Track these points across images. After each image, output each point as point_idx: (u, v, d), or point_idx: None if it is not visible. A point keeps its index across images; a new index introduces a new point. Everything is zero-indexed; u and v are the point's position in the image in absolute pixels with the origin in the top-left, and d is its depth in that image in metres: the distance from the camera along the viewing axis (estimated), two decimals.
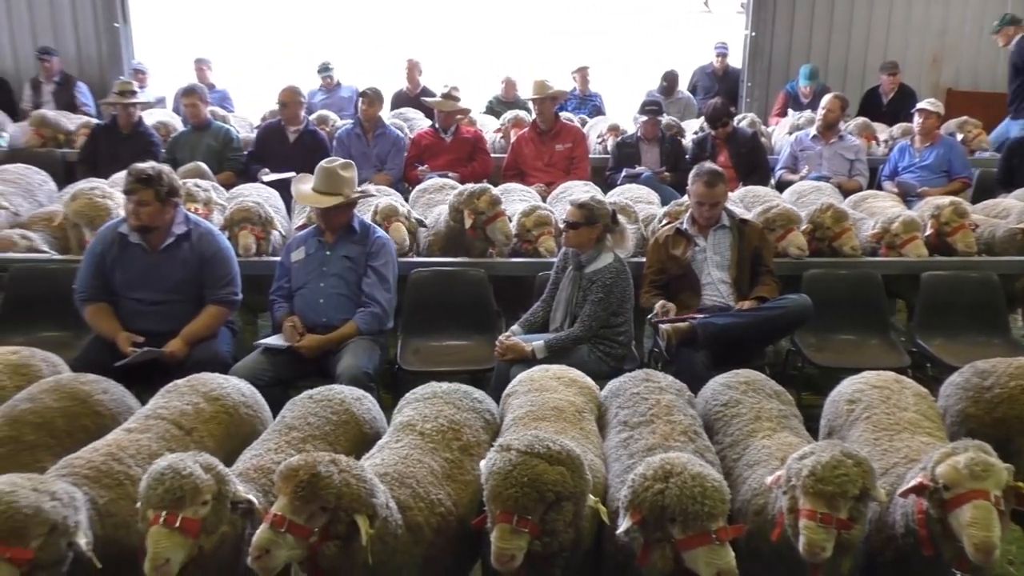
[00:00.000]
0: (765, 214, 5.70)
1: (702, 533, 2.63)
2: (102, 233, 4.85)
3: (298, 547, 2.58)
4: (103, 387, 3.66)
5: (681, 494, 2.65)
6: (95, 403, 3.55)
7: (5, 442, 3.22)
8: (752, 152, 7.98)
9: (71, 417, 3.44)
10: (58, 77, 10.59)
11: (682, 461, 2.78)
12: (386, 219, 5.53)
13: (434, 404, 3.53)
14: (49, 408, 3.41)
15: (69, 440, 3.35)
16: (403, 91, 10.82)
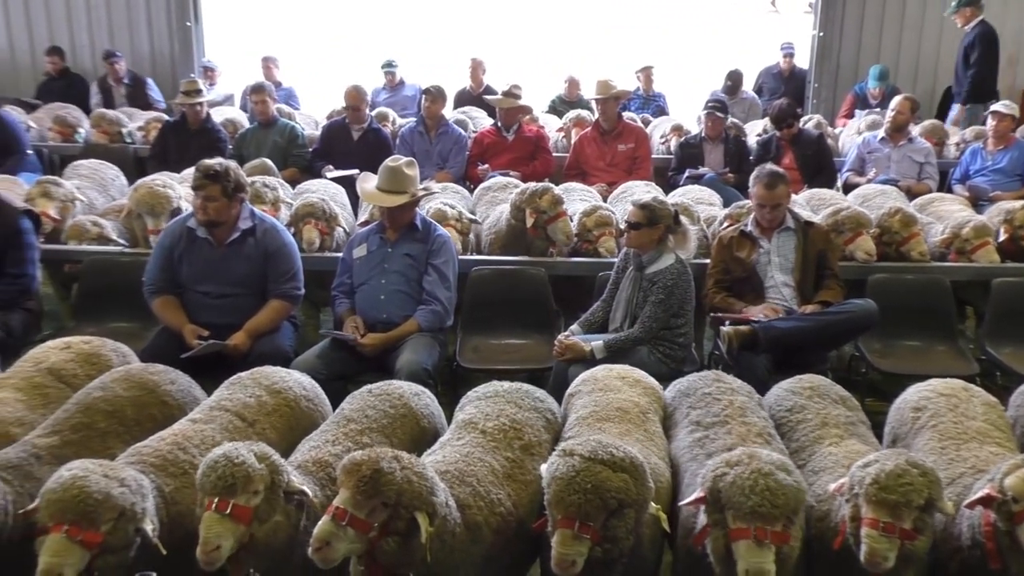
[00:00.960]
0: (834, 216, 5.60)
1: (745, 527, 2.63)
2: (171, 227, 4.96)
3: (358, 541, 2.60)
4: (170, 378, 3.74)
5: (734, 484, 2.67)
6: (162, 393, 3.63)
7: (78, 428, 3.31)
8: (818, 154, 7.85)
9: (140, 406, 3.52)
10: (127, 79, 10.85)
11: (759, 457, 2.76)
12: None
13: (496, 403, 3.53)
14: (119, 397, 3.49)
15: (137, 428, 3.43)
16: (466, 89, 10.86)
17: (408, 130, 8.16)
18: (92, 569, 2.62)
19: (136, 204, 5.73)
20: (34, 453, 3.11)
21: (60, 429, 3.28)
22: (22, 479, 2.99)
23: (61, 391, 3.67)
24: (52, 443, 3.20)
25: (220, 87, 11.18)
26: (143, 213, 5.66)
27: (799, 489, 2.73)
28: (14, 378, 3.72)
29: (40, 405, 3.58)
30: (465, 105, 10.38)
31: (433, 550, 2.68)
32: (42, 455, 3.12)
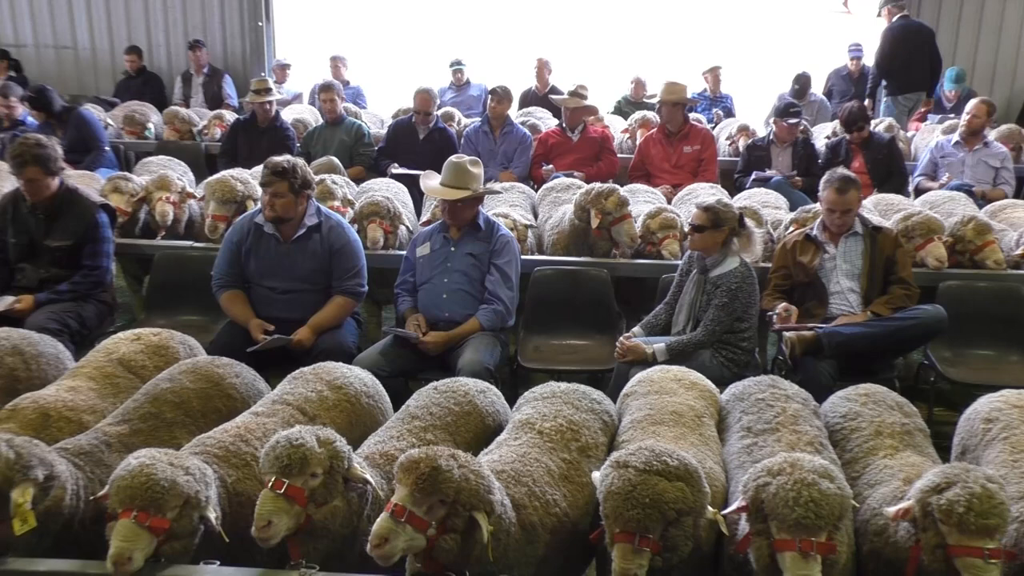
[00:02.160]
0: (905, 222, 5.48)
1: (790, 539, 2.59)
2: (239, 223, 5.06)
3: (416, 538, 2.61)
4: (236, 371, 3.81)
5: (777, 494, 2.63)
6: (227, 386, 3.70)
7: (147, 418, 3.39)
8: (888, 158, 7.67)
9: (205, 399, 3.59)
10: (207, 69, 11.17)
11: (802, 464, 2.71)
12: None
13: (553, 403, 3.53)
14: (186, 389, 3.57)
15: (203, 420, 3.51)
16: (532, 90, 10.88)
17: (473, 130, 8.20)
18: (159, 555, 2.69)
19: (208, 189, 5.96)
20: (105, 441, 3.21)
21: (130, 418, 3.37)
22: (93, 465, 3.08)
23: (130, 381, 3.78)
24: (122, 431, 3.29)
25: (290, 85, 11.38)
26: (210, 198, 5.84)
27: (843, 496, 2.67)
28: (87, 367, 3.83)
29: (110, 394, 3.68)
30: (530, 105, 10.39)
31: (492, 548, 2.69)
32: (112, 443, 3.21)
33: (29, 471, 2.72)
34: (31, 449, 2.79)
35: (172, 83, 11.69)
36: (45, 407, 3.41)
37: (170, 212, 5.86)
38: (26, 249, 5.08)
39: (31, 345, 3.96)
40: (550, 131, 8.22)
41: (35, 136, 5.21)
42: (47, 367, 3.94)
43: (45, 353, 3.99)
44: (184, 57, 11.78)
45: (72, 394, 3.55)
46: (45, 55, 12.17)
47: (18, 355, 3.86)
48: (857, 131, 7.63)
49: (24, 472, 2.72)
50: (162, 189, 5.92)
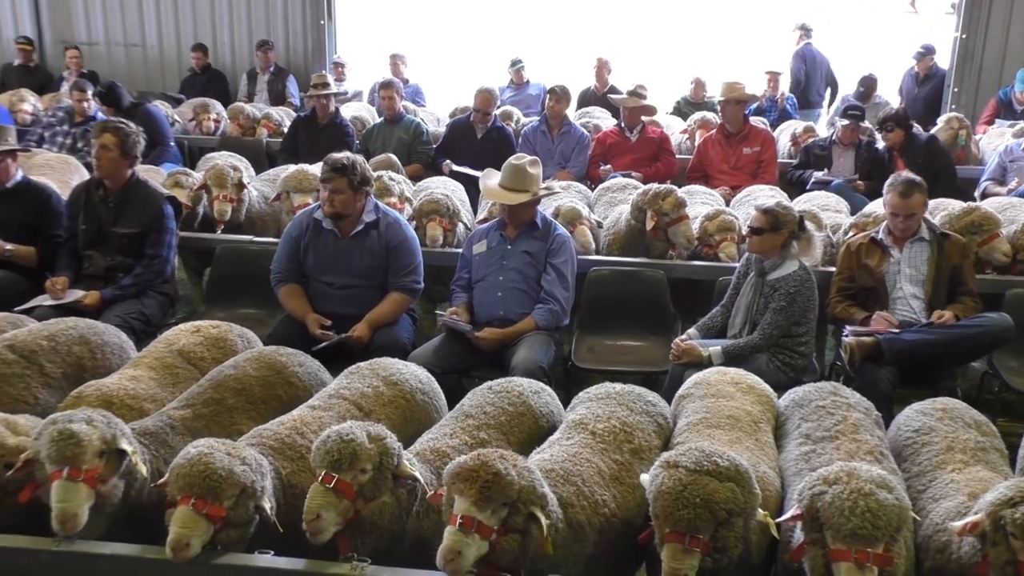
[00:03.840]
0: (968, 216, 5.29)
1: (845, 549, 2.55)
2: (298, 218, 5.13)
3: (482, 545, 2.62)
4: (299, 360, 3.89)
5: (833, 503, 2.59)
6: (290, 374, 3.78)
7: (209, 403, 3.48)
8: (929, 161, 7.41)
9: (267, 386, 3.67)
10: (272, 68, 11.37)
11: (859, 473, 2.67)
12: (570, 223, 5.57)
13: (607, 404, 3.51)
14: (248, 376, 3.66)
15: (264, 406, 3.60)
16: (591, 89, 10.84)
17: (531, 129, 8.21)
18: (215, 542, 2.74)
19: (285, 183, 6.08)
20: (169, 423, 3.31)
21: (193, 403, 3.47)
22: (158, 446, 3.17)
23: (189, 371, 3.87)
24: (185, 415, 3.38)
25: (349, 83, 11.50)
26: (290, 191, 5.94)
27: (901, 507, 2.62)
28: (148, 358, 3.93)
29: (170, 384, 3.77)
30: (589, 105, 10.37)
31: (537, 545, 2.69)
32: (176, 425, 3.31)
33: (120, 427, 2.90)
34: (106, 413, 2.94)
35: (236, 80, 11.91)
36: (108, 394, 3.51)
37: (228, 210, 5.97)
38: (95, 236, 5.21)
39: (97, 335, 4.07)
40: (608, 131, 8.20)
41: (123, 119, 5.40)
42: (111, 356, 4.05)
43: (110, 343, 4.09)
44: (248, 55, 11.99)
45: (133, 383, 3.65)
46: (115, 53, 12.48)
47: (84, 344, 3.97)
48: (887, 132, 7.46)
49: (118, 428, 2.88)
50: (218, 186, 6.01)
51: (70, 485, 2.73)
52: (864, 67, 11.13)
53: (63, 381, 3.78)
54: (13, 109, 9.09)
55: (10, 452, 2.93)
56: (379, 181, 5.99)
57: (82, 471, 2.75)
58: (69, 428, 2.77)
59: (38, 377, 3.71)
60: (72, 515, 2.71)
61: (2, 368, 3.63)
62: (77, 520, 2.72)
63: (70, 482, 2.73)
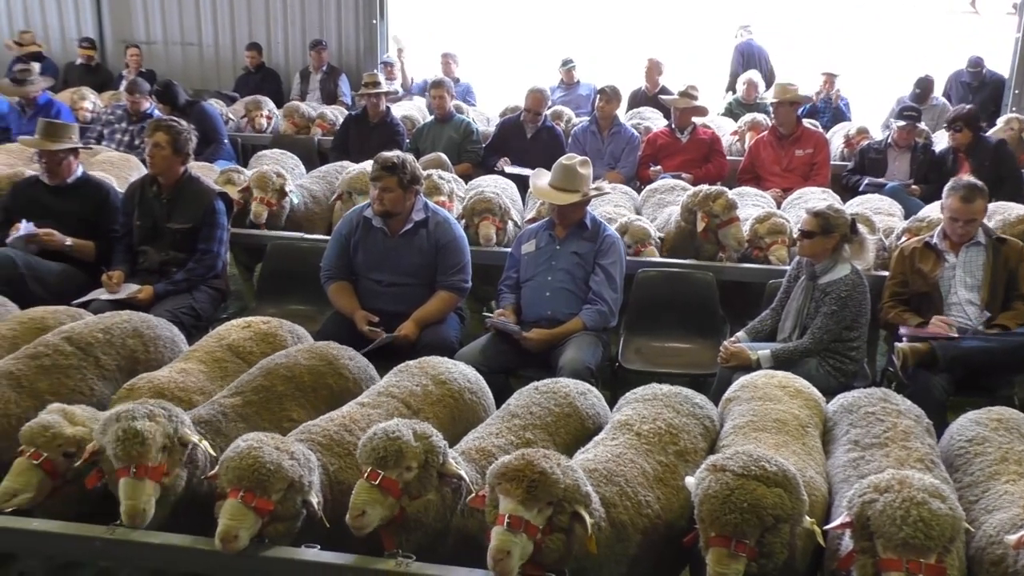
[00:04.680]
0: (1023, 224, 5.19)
1: (896, 559, 2.50)
2: (348, 216, 5.17)
3: (528, 545, 2.62)
4: (350, 355, 3.94)
5: (884, 512, 2.55)
6: (341, 366, 3.83)
7: (259, 391, 3.54)
8: (996, 164, 7.22)
9: (317, 375, 3.72)
10: (325, 67, 11.49)
11: (912, 481, 2.62)
12: (639, 243, 5.55)
13: (653, 406, 3.50)
14: (299, 364, 3.71)
15: (313, 395, 3.65)
16: (641, 90, 10.79)
17: (581, 129, 8.19)
18: (263, 535, 2.78)
19: (348, 185, 6.16)
20: (221, 411, 3.37)
21: (243, 391, 3.53)
22: (213, 434, 3.23)
23: (238, 365, 3.92)
24: (236, 403, 3.45)
25: (400, 82, 11.56)
26: (353, 192, 6.00)
27: (955, 517, 2.56)
28: (199, 351, 4.00)
29: (219, 377, 3.83)
30: (640, 106, 10.32)
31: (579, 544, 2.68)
32: (228, 413, 3.38)
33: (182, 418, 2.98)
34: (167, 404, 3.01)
35: (289, 79, 12.05)
36: (159, 387, 3.58)
37: (264, 213, 6.02)
38: (149, 232, 5.31)
39: (150, 328, 4.14)
40: (659, 131, 8.16)
41: (176, 117, 5.49)
42: (164, 349, 4.12)
43: (162, 336, 4.17)
44: (301, 54, 12.13)
45: (183, 376, 3.72)
46: (172, 51, 12.72)
47: (138, 337, 4.05)
48: (955, 131, 7.30)
49: (180, 420, 2.97)
50: (259, 188, 6.09)
51: (137, 483, 2.80)
52: (921, 68, 10.92)
53: (117, 373, 3.86)
54: (74, 107, 9.30)
55: (68, 441, 3.00)
56: (428, 179, 6.02)
57: (148, 468, 2.82)
58: (134, 427, 2.83)
59: (94, 369, 3.79)
60: (141, 511, 2.79)
61: (60, 360, 3.71)
62: (146, 515, 2.80)
63: (136, 480, 2.81)
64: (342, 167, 7.06)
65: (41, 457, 2.94)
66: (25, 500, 2.91)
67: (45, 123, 5.62)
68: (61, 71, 12.06)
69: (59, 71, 11.99)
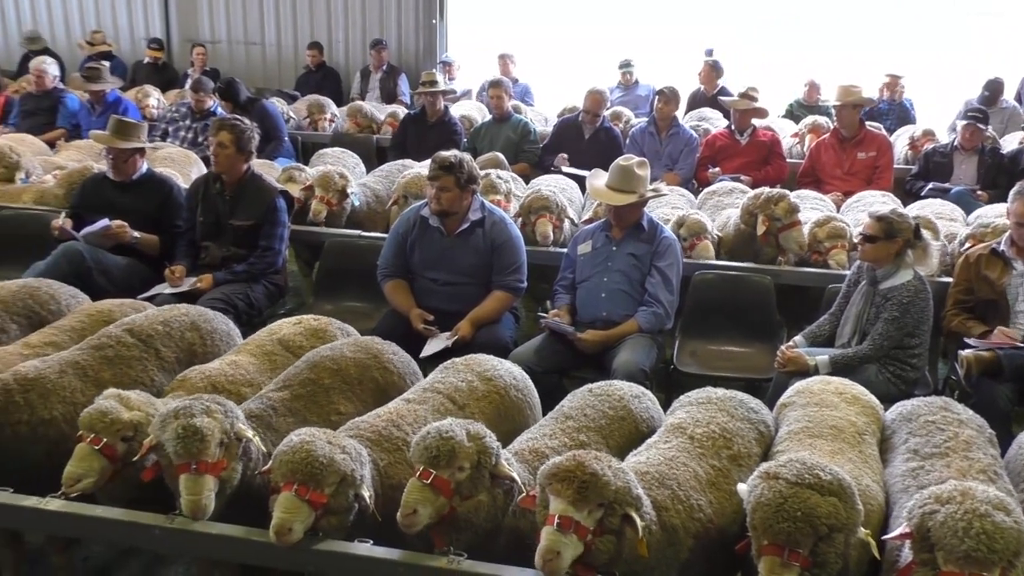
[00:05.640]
0: None
1: (958, 572, 2.44)
2: (405, 215, 5.21)
3: (578, 546, 2.61)
4: (394, 350, 3.98)
5: (945, 523, 2.49)
6: (386, 360, 3.87)
7: (306, 384, 3.58)
8: None
9: (363, 368, 3.76)
10: (385, 67, 11.60)
11: (974, 493, 2.56)
12: (695, 236, 5.53)
13: (708, 409, 3.46)
14: (345, 357, 3.76)
15: (359, 388, 3.70)
16: (700, 91, 10.70)
17: (639, 130, 8.15)
18: (316, 529, 2.81)
19: (404, 188, 6.20)
20: (271, 405, 3.42)
21: (291, 384, 3.58)
22: (264, 428, 3.28)
23: (287, 359, 3.97)
24: (284, 396, 3.50)
25: (459, 82, 11.62)
26: (408, 196, 6.04)
27: (1020, 531, 2.49)
28: (250, 345, 4.07)
29: (268, 370, 3.89)
30: (699, 107, 10.23)
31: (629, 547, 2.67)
32: (277, 407, 3.43)
33: (238, 413, 3.02)
34: (222, 399, 3.07)
35: (349, 78, 12.20)
36: (211, 378, 3.65)
37: (324, 212, 6.09)
38: (212, 228, 5.42)
39: (207, 322, 4.22)
40: (718, 133, 8.08)
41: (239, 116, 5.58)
42: (220, 343, 4.19)
43: (219, 330, 4.24)
44: (361, 54, 12.27)
45: (233, 368, 3.79)
46: (236, 50, 12.96)
47: (195, 331, 4.12)
48: None
49: (236, 415, 3.00)
50: (322, 188, 6.15)
51: (197, 478, 2.85)
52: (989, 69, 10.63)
53: (176, 365, 3.93)
54: (139, 105, 9.51)
55: (126, 426, 3.07)
56: (486, 179, 6.04)
57: (208, 464, 2.87)
58: (193, 424, 2.88)
59: (155, 360, 3.88)
60: (203, 506, 2.84)
61: (122, 351, 3.80)
62: (207, 510, 2.85)
63: (197, 475, 2.86)
64: (404, 166, 7.14)
65: (101, 443, 3.01)
66: (88, 485, 2.99)
67: (116, 121, 5.76)
68: (129, 70, 12.36)
69: (127, 70, 12.29)
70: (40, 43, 12.11)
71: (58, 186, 6.38)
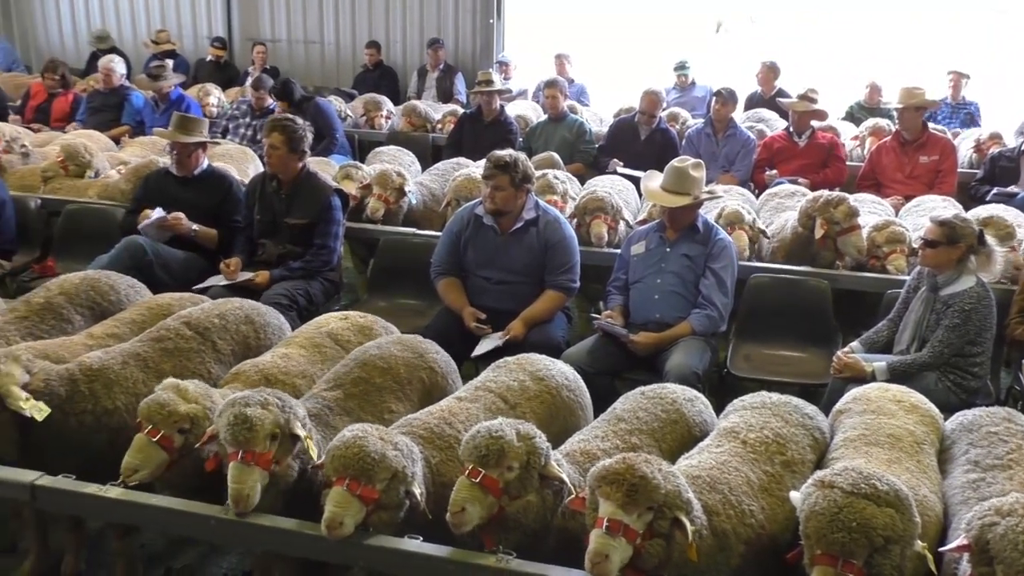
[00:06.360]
0: None
1: None
2: (460, 213, 5.23)
3: (628, 549, 2.60)
4: (436, 349, 4.01)
5: (1005, 536, 2.45)
6: (430, 359, 3.90)
7: (358, 383, 3.61)
8: None
9: (412, 367, 3.79)
10: (442, 66, 11.67)
11: None
12: (730, 224, 5.47)
13: (762, 414, 3.42)
14: (394, 356, 3.78)
15: (408, 387, 3.72)
16: (757, 93, 10.58)
17: (695, 131, 8.10)
18: (367, 524, 2.84)
19: (456, 191, 6.22)
20: (326, 405, 3.46)
21: (342, 383, 3.60)
22: (323, 427, 3.32)
23: (336, 351, 4.03)
24: (337, 396, 3.53)
25: (515, 82, 11.63)
26: (460, 199, 6.07)
27: None
28: (299, 337, 4.13)
29: (318, 361, 3.95)
30: (756, 108, 10.11)
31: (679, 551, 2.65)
32: (332, 407, 3.46)
33: (295, 410, 3.04)
34: (282, 394, 3.09)
35: (406, 77, 12.29)
36: (264, 371, 3.71)
37: (380, 209, 6.13)
38: (268, 226, 5.50)
39: (260, 316, 4.29)
40: (776, 135, 7.99)
41: (292, 115, 5.66)
42: (272, 336, 4.26)
43: (271, 324, 4.31)
44: (418, 53, 12.36)
45: (285, 361, 3.84)
46: (295, 49, 13.14)
47: (250, 324, 4.19)
48: None
49: (292, 411, 3.03)
50: (380, 186, 6.20)
51: (244, 468, 2.89)
52: None
53: (231, 358, 4.00)
54: (200, 103, 9.68)
55: (182, 418, 3.12)
56: (543, 179, 6.04)
57: (255, 454, 2.90)
58: (244, 413, 2.92)
59: (212, 353, 3.95)
60: (245, 496, 2.87)
61: (181, 343, 3.87)
62: (249, 501, 2.88)
63: (244, 465, 2.89)
64: (459, 164, 7.17)
65: (159, 434, 3.07)
66: (144, 475, 3.05)
67: (179, 117, 5.89)
68: (192, 68, 12.58)
69: (190, 68, 12.51)
70: (108, 42, 12.39)
71: (124, 181, 6.54)
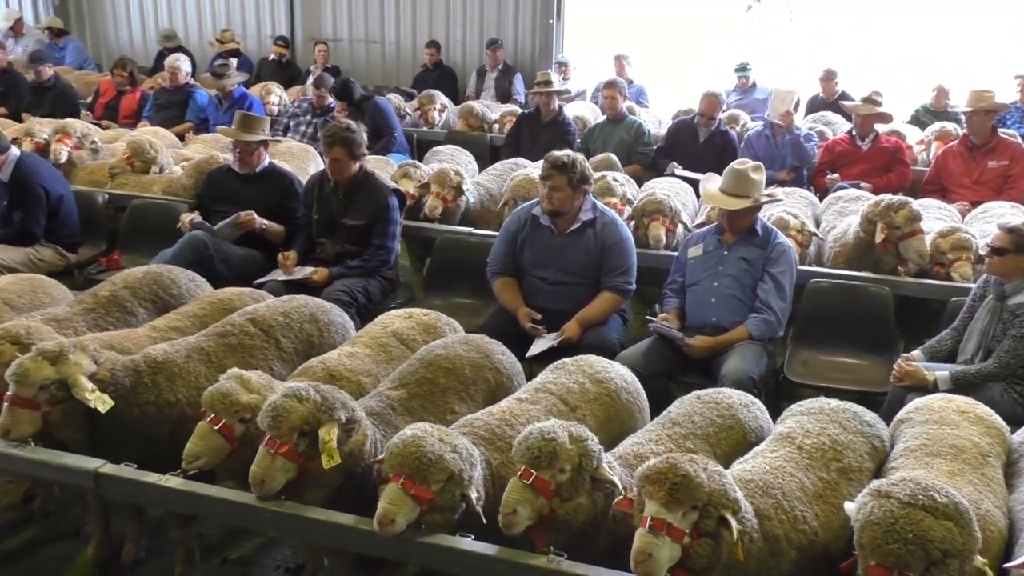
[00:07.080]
0: None
1: None
2: (517, 213, 5.24)
3: (674, 548, 2.59)
4: (501, 350, 4.01)
5: None
6: (496, 360, 3.90)
7: (422, 383, 3.63)
8: None
9: (477, 368, 3.79)
10: (501, 66, 11.71)
11: None
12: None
13: (819, 420, 3.38)
14: (460, 356, 3.79)
15: (473, 388, 3.73)
16: (819, 96, 10.44)
17: (755, 133, 8.02)
18: (421, 523, 2.85)
19: (513, 191, 6.23)
20: (390, 404, 3.48)
21: (407, 382, 3.62)
22: (384, 426, 3.35)
23: (401, 351, 4.06)
24: (401, 396, 3.55)
25: (574, 83, 11.62)
26: (517, 199, 6.09)
27: None
28: (364, 337, 4.16)
29: (384, 360, 3.98)
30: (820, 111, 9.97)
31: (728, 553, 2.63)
32: (396, 406, 3.49)
33: (333, 412, 3.01)
34: (335, 394, 3.09)
35: (465, 77, 12.35)
36: (330, 368, 3.75)
37: (439, 208, 6.17)
38: (327, 225, 5.57)
39: (324, 314, 4.34)
40: (838, 138, 7.87)
41: (347, 121, 5.73)
42: (336, 335, 4.30)
43: (335, 322, 4.35)
44: (478, 53, 12.42)
45: (351, 359, 3.88)
46: (357, 49, 13.30)
47: (314, 323, 4.24)
48: None
49: (329, 413, 3.00)
50: (438, 184, 6.25)
51: (267, 454, 2.95)
52: None
53: (295, 356, 4.05)
54: (262, 101, 9.83)
55: (244, 408, 3.17)
56: (602, 181, 6.03)
57: (277, 444, 2.95)
58: (275, 402, 2.98)
59: (275, 350, 4.00)
60: (260, 481, 2.93)
61: (245, 340, 3.94)
62: (264, 487, 2.93)
63: (267, 451, 2.95)
64: (517, 164, 7.19)
65: (220, 423, 3.12)
66: (206, 463, 3.11)
67: (242, 115, 6.00)
68: (255, 66, 12.79)
69: (253, 66, 12.72)
70: (175, 41, 12.66)
71: (186, 176, 6.67)
